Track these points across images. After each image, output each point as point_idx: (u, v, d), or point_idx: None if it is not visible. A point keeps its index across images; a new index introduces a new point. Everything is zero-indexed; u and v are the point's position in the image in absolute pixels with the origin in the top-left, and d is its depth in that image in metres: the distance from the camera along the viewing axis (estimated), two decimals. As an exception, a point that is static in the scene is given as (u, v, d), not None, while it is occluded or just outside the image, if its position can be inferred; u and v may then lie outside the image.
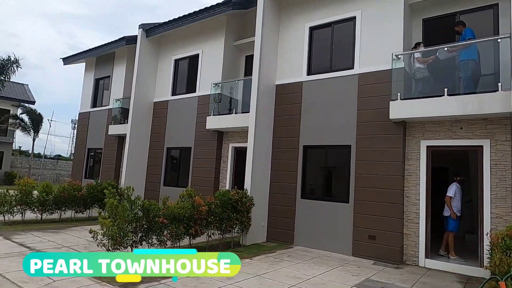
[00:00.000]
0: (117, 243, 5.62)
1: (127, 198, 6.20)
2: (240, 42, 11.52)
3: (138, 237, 6.12)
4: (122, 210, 5.70)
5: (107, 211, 5.98)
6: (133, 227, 5.83)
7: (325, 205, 8.53)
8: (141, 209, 6.17)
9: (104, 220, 5.60)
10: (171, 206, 6.48)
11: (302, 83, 9.35)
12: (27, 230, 8.69)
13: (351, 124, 8.35)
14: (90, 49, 15.49)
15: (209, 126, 10.81)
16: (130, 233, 5.81)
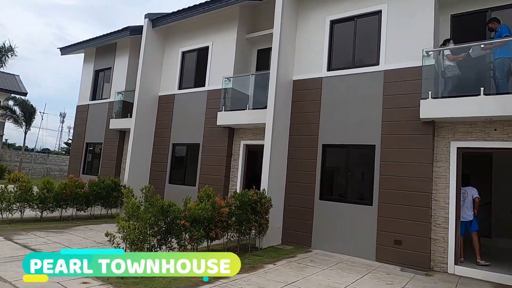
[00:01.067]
0: (138, 248, 5.12)
1: (145, 199, 5.69)
2: (252, 35, 11.04)
3: (156, 241, 5.62)
4: (144, 212, 5.20)
5: (125, 213, 5.47)
6: (154, 231, 5.34)
7: (346, 207, 8.15)
8: (160, 210, 5.67)
9: (124, 222, 5.09)
10: (192, 208, 5.99)
11: (321, 79, 8.93)
12: (28, 229, 8.10)
13: (376, 123, 7.97)
14: (90, 39, 14.80)
15: (220, 122, 10.32)
16: (151, 237, 5.32)
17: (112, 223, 9.87)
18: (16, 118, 22.69)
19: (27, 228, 8.20)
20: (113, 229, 8.85)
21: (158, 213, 5.66)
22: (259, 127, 10.02)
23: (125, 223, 5.06)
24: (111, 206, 10.97)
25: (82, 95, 15.65)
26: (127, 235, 5.02)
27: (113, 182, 10.89)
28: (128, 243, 5.14)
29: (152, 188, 6.12)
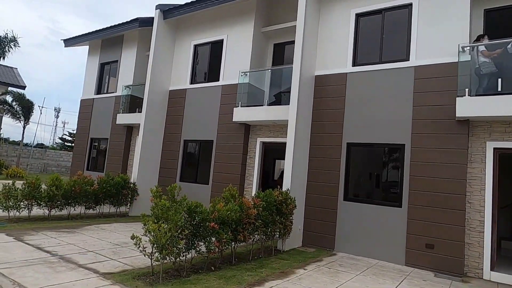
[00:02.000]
0: (169, 253, 4.72)
1: (171, 199, 5.29)
2: (268, 28, 10.63)
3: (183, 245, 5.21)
4: (175, 213, 4.80)
5: (153, 214, 5.06)
6: (185, 234, 4.94)
7: (373, 209, 7.80)
8: (187, 211, 5.27)
9: (154, 224, 4.68)
10: (221, 209, 5.60)
11: (346, 74, 8.56)
12: (37, 229, 7.66)
13: (406, 121, 7.62)
14: (96, 31, 14.28)
15: (236, 118, 9.91)
16: (181, 240, 4.91)
17: (122, 222, 9.48)
18: (14, 113, 22.02)
19: (36, 228, 7.75)
20: (125, 229, 8.51)
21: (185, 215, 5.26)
22: (278, 124, 9.65)
23: (155, 225, 4.64)
24: (121, 204, 10.53)
25: (87, 89, 15.13)
26: (158, 239, 4.61)
27: (123, 179, 10.45)
28: (158, 247, 4.72)
29: (180, 188, 5.71)
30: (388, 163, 8.07)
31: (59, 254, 5.83)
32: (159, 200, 4.94)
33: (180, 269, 5.33)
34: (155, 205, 5.02)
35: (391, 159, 7.96)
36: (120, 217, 10.38)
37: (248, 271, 5.75)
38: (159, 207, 4.83)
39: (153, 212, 5.03)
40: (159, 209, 4.81)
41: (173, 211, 4.82)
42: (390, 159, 7.99)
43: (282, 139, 9.57)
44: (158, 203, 4.89)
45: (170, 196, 5.41)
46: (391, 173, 7.94)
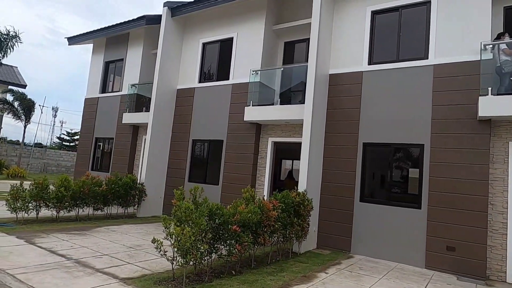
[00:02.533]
0: (193, 257, 4.53)
1: (193, 201, 5.10)
2: (279, 26, 10.44)
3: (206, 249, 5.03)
4: (199, 216, 4.61)
5: (175, 217, 4.87)
6: (209, 238, 4.75)
7: (390, 210, 7.64)
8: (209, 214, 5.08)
9: (178, 228, 4.49)
10: (242, 212, 5.42)
11: (362, 73, 8.39)
12: (47, 231, 7.45)
13: (424, 120, 7.46)
14: (100, 29, 14.05)
15: (247, 117, 9.72)
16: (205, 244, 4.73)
17: (131, 223, 9.28)
18: (15, 112, 21.74)
19: (46, 230, 7.55)
20: (136, 231, 8.31)
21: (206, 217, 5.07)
22: (290, 124, 9.48)
23: (178, 228, 4.45)
24: (129, 205, 10.33)
25: (91, 88, 14.90)
26: (182, 243, 4.41)
27: (131, 180, 10.25)
28: (181, 251, 4.53)
29: (202, 189, 5.52)
30: (407, 164, 7.90)
31: (74, 257, 5.63)
32: (181, 202, 4.73)
33: (201, 274, 5.15)
34: (178, 208, 4.83)
35: (410, 159, 7.80)
36: (129, 218, 10.18)
37: (270, 275, 5.58)
38: (182, 210, 4.63)
39: (175, 215, 4.83)
40: (183, 211, 4.62)
41: (198, 213, 4.63)
42: (409, 159, 7.83)
43: (295, 139, 9.42)
44: (182, 205, 4.69)
45: (192, 197, 5.20)
46: (410, 174, 7.77)
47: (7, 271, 4.66)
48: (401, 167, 7.93)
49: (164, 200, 11.50)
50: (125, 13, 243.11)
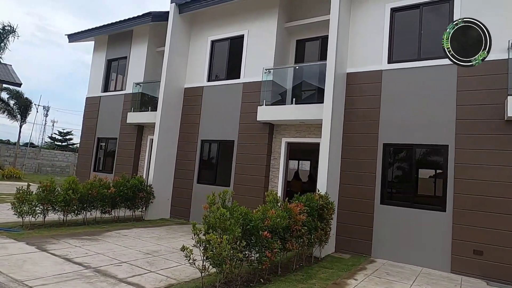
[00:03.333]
0: (228, 267, 4.24)
1: (223, 205, 4.81)
2: (291, 24, 10.17)
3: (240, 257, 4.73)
4: (234, 223, 4.32)
5: (206, 223, 4.57)
6: (243, 246, 4.47)
7: (413, 213, 7.43)
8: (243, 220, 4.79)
9: (215, 236, 4.19)
10: (272, 216, 5.14)
11: (381, 72, 8.16)
12: (56, 236, 7.10)
13: (449, 121, 7.26)
14: (103, 26, 13.64)
15: (260, 117, 9.44)
16: (240, 253, 4.45)
17: (141, 227, 8.96)
18: (10, 111, 21.16)
19: (55, 235, 7.19)
20: (148, 235, 7.97)
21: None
22: (305, 124, 9.23)
23: (215, 236, 4.15)
24: (137, 207, 9.99)
25: (93, 87, 14.47)
26: (218, 252, 4.11)
27: (139, 182, 9.91)
28: (216, 260, 4.23)
29: (233, 193, 5.23)
30: (430, 165, 7.70)
31: (92, 266, 5.30)
32: (216, 208, 4.43)
33: (230, 282, 4.87)
34: (210, 213, 4.53)
35: (433, 160, 7.60)
36: (136, 221, 9.84)
37: (300, 283, 5.32)
38: (217, 216, 4.33)
39: (206, 221, 4.53)
40: (217, 218, 4.32)
41: (233, 220, 4.33)
42: (432, 160, 7.63)
43: (310, 139, 9.19)
44: (216, 211, 4.39)
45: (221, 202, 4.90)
46: (434, 175, 7.57)
47: (26, 283, 4.33)
48: (424, 169, 7.72)
49: (172, 202, 11.17)
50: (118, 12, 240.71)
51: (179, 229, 9.14)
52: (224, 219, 4.32)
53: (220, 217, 4.30)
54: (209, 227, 4.53)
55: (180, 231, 8.86)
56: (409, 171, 7.75)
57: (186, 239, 7.95)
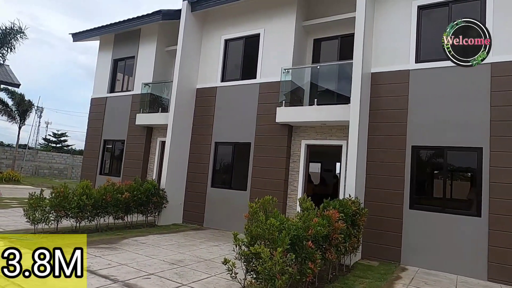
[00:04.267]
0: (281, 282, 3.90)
1: (267, 213, 4.47)
2: (309, 22, 9.86)
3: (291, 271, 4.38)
4: (285, 235, 3.97)
5: (249, 233, 4.23)
6: (291, 259, 4.12)
7: (445, 218, 7.14)
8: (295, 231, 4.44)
9: (261, 248, 3.85)
10: (314, 225, 4.81)
11: (409, 71, 7.88)
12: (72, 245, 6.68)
13: (482, 122, 6.99)
14: (109, 24, 13.23)
15: (280, 119, 9.11)
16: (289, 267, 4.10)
17: (156, 233, 8.60)
18: (10, 113, 20.60)
19: (69, 243, 6.78)
20: (167, 243, 7.58)
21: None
22: (327, 125, 8.92)
23: (267, 250, 3.80)
24: (151, 213, 9.60)
25: (98, 87, 14.04)
26: (269, 267, 3.77)
27: (152, 186, 9.53)
28: (266, 276, 3.88)
29: (275, 200, 4.90)
30: (461, 168, 7.43)
31: (120, 279, 4.93)
32: (263, 218, 4.08)
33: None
34: (255, 223, 4.18)
35: (466, 163, 7.34)
36: (149, 227, 9.45)
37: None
38: (265, 227, 3.99)
39: (249, 231, 4.19)
40: (266, 228, 3.97)
41: (285, 232, 3.99)
42: (464, 163, 7.37)
43: (331, 142, 8.89)
44: (263, 221, 4.04)
45: (261, 209, 4.56)
46: (466, 179, 7.30)
47: (55, 301, 3.95)
48: (456, 172, 7.45)
49: (184, 206, 10.80)
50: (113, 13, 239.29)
51: (196, 235, 8.77)
52: (273, 229, 3.97)
53: (270, 227, 3.95)
54: (252, 238, 4.19)
55: (198, 238, 8.50)
56: (439, 174, 7.47)
57: (207, 246, 7.61)
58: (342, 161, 8.63)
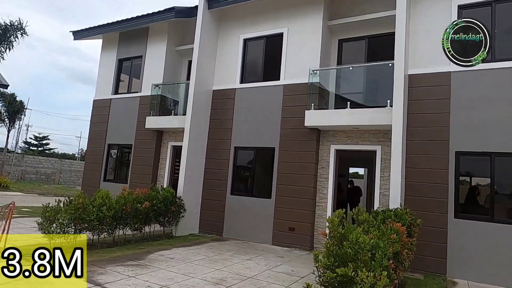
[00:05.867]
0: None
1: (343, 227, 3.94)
2: (335, 22, 9.43)
3: None
4: (381, 257, 3.46)
5: (331, 255, 3.69)
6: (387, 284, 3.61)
7: (494, 228, 6.76)
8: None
9: (364, 273, 3.32)
10: (393, 241, 4.32)
11: (450, 73, 7.53)
12: (97, 262, 6.01)
13: (533, 127, 6.67)
14: (114, 22, 12.51)
15: (309, 122, 8.62)
16: None
17: (179, 246, 8.00)
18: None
19: (94, 261, 6.08)
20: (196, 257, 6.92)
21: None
22: (359, 129, 8.47)
23: (372, 274, 3.26)
24: (170, 223, 8.94)
25: (101, 88, 13.25)
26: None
27: (170, 194, 8.88)
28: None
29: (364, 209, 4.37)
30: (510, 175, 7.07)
31: (170, 305, 4.31)
32: (355, 235, 3.55)
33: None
34: (340, 241, 3.65)
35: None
36: (168, 238, 8.80)
37: (417, 318, 4.50)
38: (352, 243, 3.46)
39: (331, 251, 3.65)
40: (354, 247, 3.45)
41: (381, 251, 3.47)
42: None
43: (363, 147, 8.46)
44: (353, 238, 3.51)
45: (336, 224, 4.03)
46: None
47: None
48: (507, 179, 7.08)
49: (200, 215, 10.16)
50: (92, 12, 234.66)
51: (221, 248, 8.15)
52: (368, 249, 3.46)
53: (364, 246, 3.43)
54: (336, 259, 3.65)
55: (225, 250, 7.89)
56: (487, 182, 7.10)
57: (240, 260, 7.02)
58: (377, 167, 8.21)
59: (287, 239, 8.74)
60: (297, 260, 7.45)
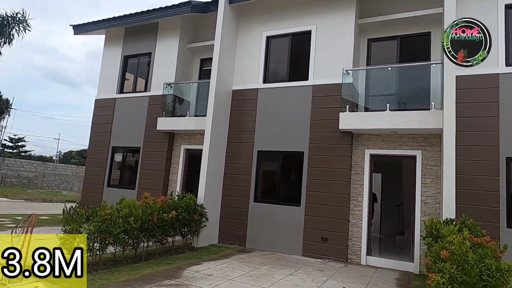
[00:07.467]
0: None
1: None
2: (366, 20, 8.97)
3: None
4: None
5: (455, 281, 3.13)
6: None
7: (552, 238, 6.41)
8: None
9: None
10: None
11: (498, 75, 7.17)
12: (131, 282, 5.27)
13: None
14: (121, 16, 11.65)
15: (344, 125, 8.10)
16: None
17: (208, 259, 7.31)
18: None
19: (126, 281, 5.33)
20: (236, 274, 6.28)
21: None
22: (397, 133, 8.02)
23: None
24: (193, 233, 8.21)
25: (105, 87, 12.34)
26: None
27: (193, 201, 8.16)
28: None
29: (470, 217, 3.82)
30: None
31: None
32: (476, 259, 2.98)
33: None
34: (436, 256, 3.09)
35: None
36: (190, 250, 8.05)
37: None
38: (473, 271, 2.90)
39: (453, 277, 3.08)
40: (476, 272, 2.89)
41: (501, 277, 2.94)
42: None
43: (402, 151, 8.01)
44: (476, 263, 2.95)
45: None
46: None
47: None
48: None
49: (220, 224, 9.45)
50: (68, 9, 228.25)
51: (253, 261, 7.49)
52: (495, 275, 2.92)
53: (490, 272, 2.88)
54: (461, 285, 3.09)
55: (258, 264, 7.23)
56: (542, 189, 6.75)
57: (282, 276, 6.41)
58: (417, 173, 7.77)
59: (320, 250, 8.16)
60: (340, 274, 6.88)
